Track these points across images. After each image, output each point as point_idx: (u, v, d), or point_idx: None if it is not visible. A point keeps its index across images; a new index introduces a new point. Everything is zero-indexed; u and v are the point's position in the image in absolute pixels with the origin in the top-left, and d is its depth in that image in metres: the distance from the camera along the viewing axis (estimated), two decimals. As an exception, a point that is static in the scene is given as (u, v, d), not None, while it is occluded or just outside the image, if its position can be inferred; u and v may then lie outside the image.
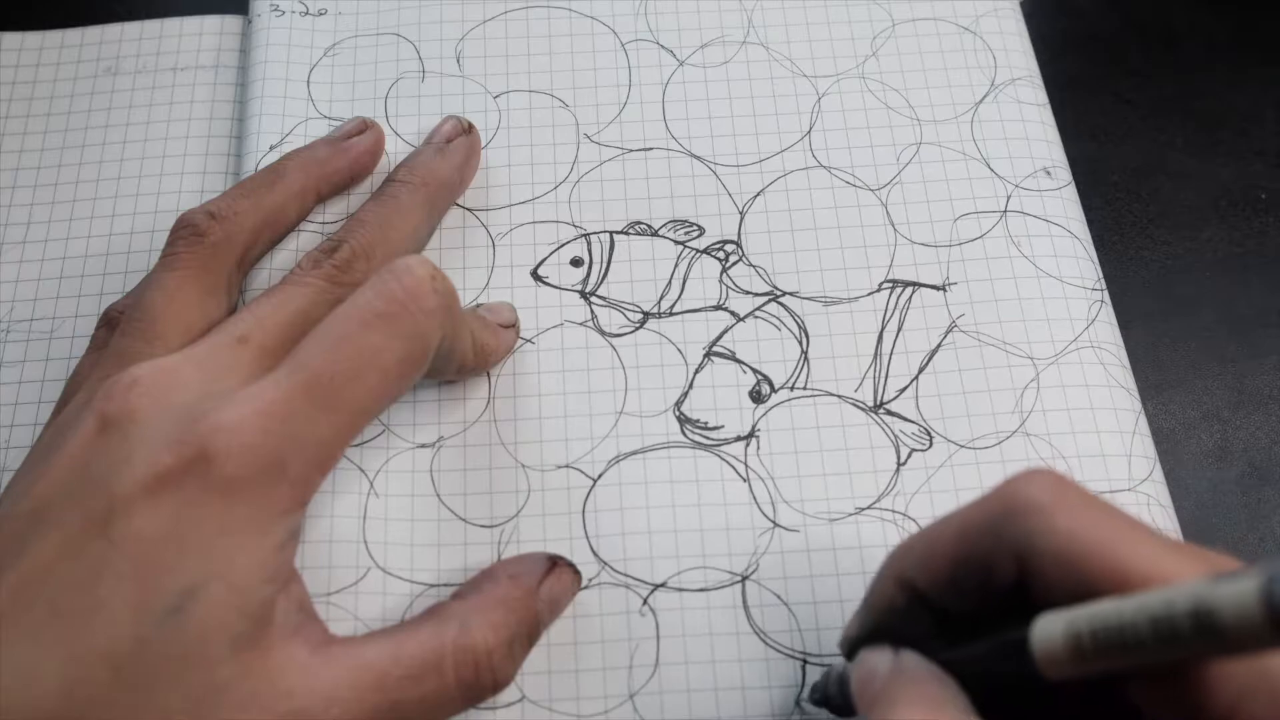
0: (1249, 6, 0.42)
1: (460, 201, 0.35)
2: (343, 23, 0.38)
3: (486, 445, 0.31)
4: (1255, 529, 0.33)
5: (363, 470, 0.31)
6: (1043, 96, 0.37)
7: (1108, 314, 0.34)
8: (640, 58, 0.37)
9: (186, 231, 0.30)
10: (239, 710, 0.22)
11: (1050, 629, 0.19)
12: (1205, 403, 0.35)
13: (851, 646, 0.25)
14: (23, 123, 0.37)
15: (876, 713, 0.22)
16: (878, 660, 0.23)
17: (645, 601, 0.30)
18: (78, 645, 0.22)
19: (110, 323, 0.31)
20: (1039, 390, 0.32)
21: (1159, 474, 0.31)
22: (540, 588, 0.27)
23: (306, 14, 0.38)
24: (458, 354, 0.29)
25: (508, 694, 0.28)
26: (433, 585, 0.29)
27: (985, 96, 0.37)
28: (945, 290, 0.34)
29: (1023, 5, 0.39)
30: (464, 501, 0.31)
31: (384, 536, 0.30)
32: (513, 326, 0.33)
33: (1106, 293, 0.34)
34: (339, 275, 0.29)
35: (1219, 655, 0.17)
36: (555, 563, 0.28)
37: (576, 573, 0.29)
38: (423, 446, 0.31)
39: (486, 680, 0.26)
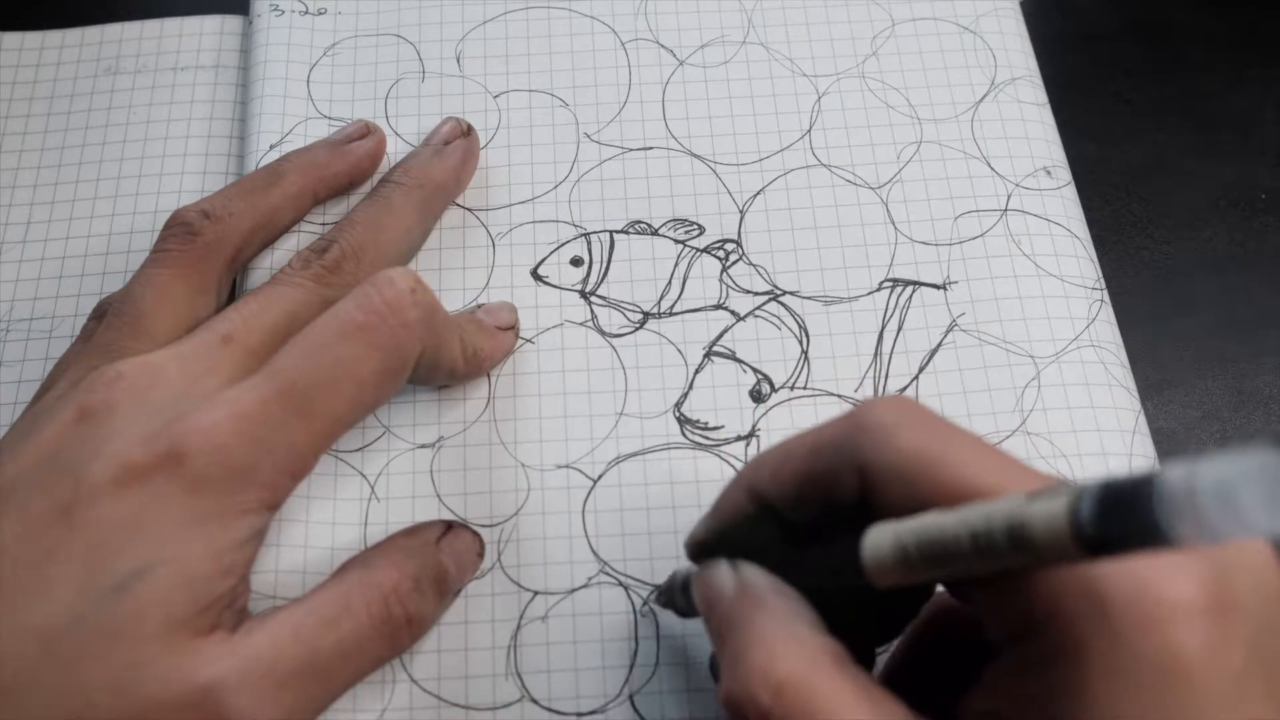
0: (1249, 6, 0.42)
1: (460, 201, 0.35)
2: (343, 22, 0.38)
3: (486, 445, 0.31)
4: (1255, 528, 0.33)
5: (364, 475, 0.31)
6: (1043, 96, 0.37)
7: (1108, 313, 0.34)
8: (640, 57, 0.37)
9: (179, 229, 0.30)
10: (159, 685, 0.23)
11: (879, 539, 0.20)
12: (1205, 403, 0.35)
13: (696, 549, 0.26)
14: (23, 122, 0.37)
15: (728, 640, 0.22)
16: (722, 579, 0.23)
17: (646, 601, 0.30)
18: (15, 620, 0.23)
19: (100, 315, 0.31)
20: (1039, 389, 0.32)
21: (1159, 474, 0.31)
22: (440, 542, 0.28)
23: (306, 13, 0.38)
24: (444, 363, 0.29)
25: (508, 693, 0.28)
26: (433, 585, 0.29)
27: (985, 96, 0.37)
28: (945, 289, 0.34)
29: (1023, 5, 0.39)
30: (464, 501, 0.31)
31: (385, 539, 0.30)
32: (512, 329, 0.33)
33: (1106, 292, 0.34)
34: (328, 276, 0.29)
35: (1032, 567, 0.18)
36: (450, 525, 0.29)
37: (476, 536, 0.30)
38: (423, 447, 0.31)
39: (397, 613, 0.26)
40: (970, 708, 0.21)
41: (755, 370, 0.33)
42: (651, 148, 0.36)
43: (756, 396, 0.32)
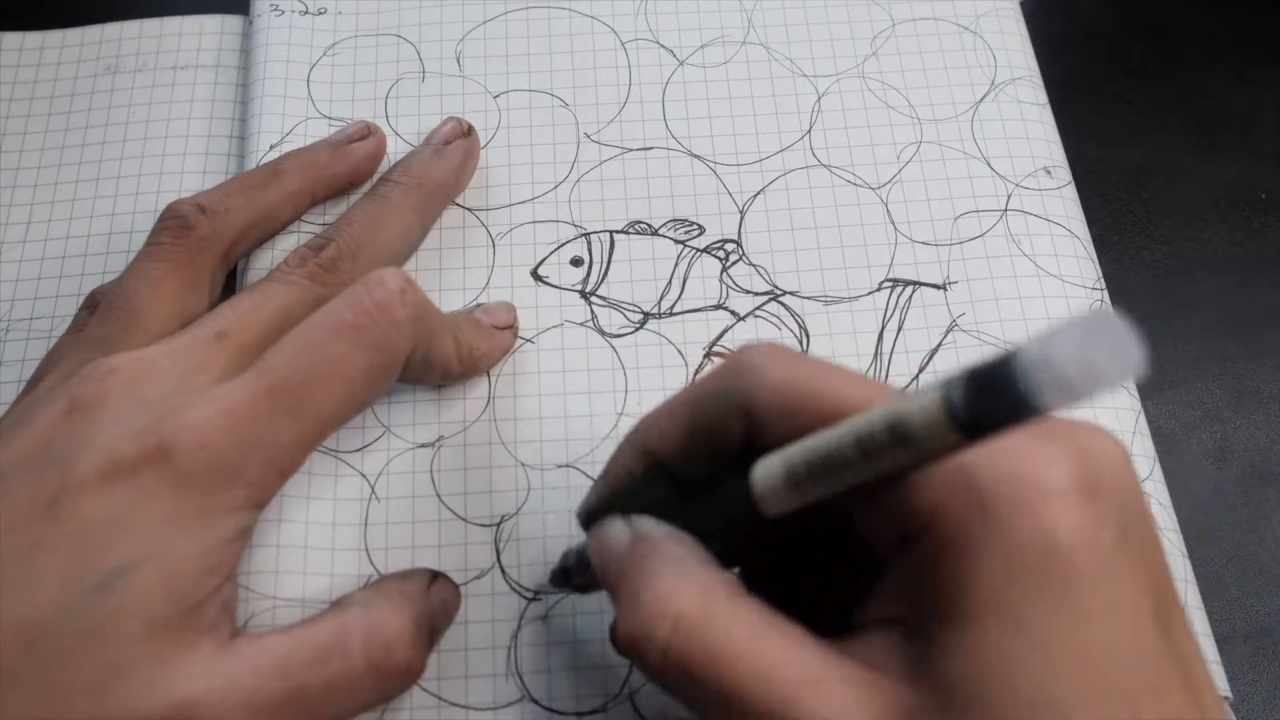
0: (1249, 6, 0.42)
1: (460, 201, 0.35)
2: (343, 22, 0.38)
3: (486, 444, 0.31)
4: (1255, 529, 0.33)
5: (364, 475, 0.31)
6: (1043, 96, 0.37)
7: (1108, 313, 0.34)
8: (640, 57, 0.37)
9: (173, 222, 0.30)
10: (137, 693, 0.23)
11: (769, 468, 0.21)
12: (1205, 403, 0.35)
13: (589, 518, 0.26)
14: (23, 122, 0.37)
15: (624, 586, 0.22)
16: (614, 532, 0.24)
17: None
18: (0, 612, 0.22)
19: (93, 305, 0.31)
20: (1039, 390, 0.32)
21: (1159, 474, 0.31)
22: (430, 589, 0.28)
23: (306, 13, 0.38)
24: (438, 362, 0.29)
25: (508, 693, 0.28)
26: (433, 585, 0.29)
27: (985, 96, 0.37)
28: (945, 289, 0.34)
29: (1023, 5, 0.39)
30: (464, 501, 0.31)
31: (385, 542, 0.30)
32: (510, 328, 0.33)
33: (1106, 292, 0.34)
34: (323, 274, 0.29)
35: (916, 463, 0.18)
36: (436, 575, 0.28)
37: (456, 589, 0.29)
38: (423, 446, 0.31)
39: (399, 659, 0.25)
40: (866, 617, 0.21)
41: (755, 370, 0.33)
42: (651, 148, 0.36)
43: (756, 396, 0.32)
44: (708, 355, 0.33)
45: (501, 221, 0.35)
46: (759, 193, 0.35)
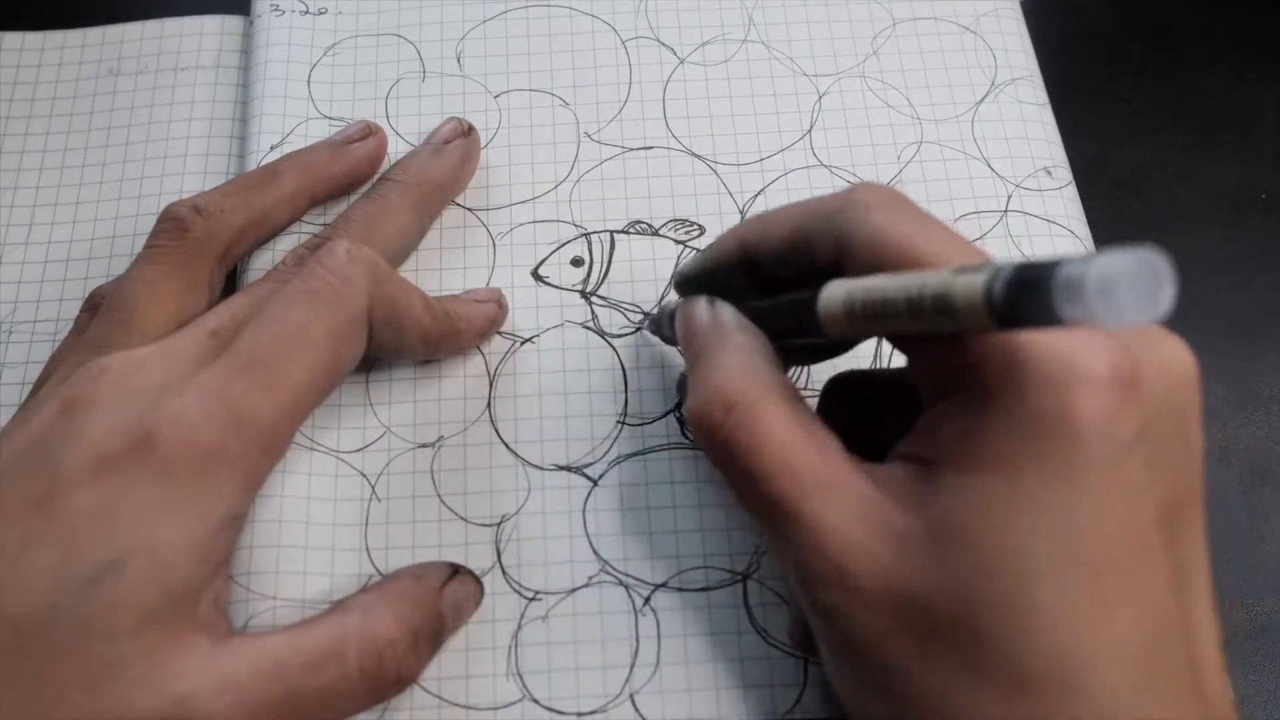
0: (1249, 6, 0.42)
1: (460, 201, 0.35)
2: (343, 22, 0.38)
3: (487, 444, 0.31)
4: (1255, 529, 0.33)
5: (364, 475, 0.31)
6: (1043, 96, 0.37)
7: (1108, 314, 0.34)
8: (641, 55, 0.37)
9: (170, 224, 0.30)
10: (131, 688, 0.23)
11: (834, 292, 0.22)
12: (1205, 403, 0.35)
13: (683, 284, 0.30)
14: (24, 123, 0.37)
15: (697, 365, 0.25)
16: (700, 310, 0.26)
17: (647, 601, 0.30)
18: None
19: (93, 307, 0.31)
20: (1039, 390, 0.32)
21: (1159, 474, 0.31)
22: (444, 590, 0.28)
23: (307, 13, 0.38)
24: (408, 322, 0.29)
25: (508, 693, 0.28)
26: (434, 585, 0.29)
27: (986, 96, 0.37)
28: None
29: (1023, 5, 0.39)
30: (464, 501, 0.31)
31: (385, 542, 0.30)
32: (494, 301, 0.33)
33: (1106, 293, 0.34)
34: None
35: (954, 331, 0.20)
36: (457, 570, 0.29)
37: (479, 583, 0.29)
38: (423, 447, 0.31)
39: (391, 672, 0.26)
40: (898, 451, 0.23)
41: (755, 370, 0.33)
42: (652, 147, 0.36)
43: (757, 397, 0.32)
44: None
45: (502, 221, 0.35)
46: (760, 193, 0.35)
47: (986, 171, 0.36)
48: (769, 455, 0.23)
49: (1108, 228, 0.38)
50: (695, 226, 0.35)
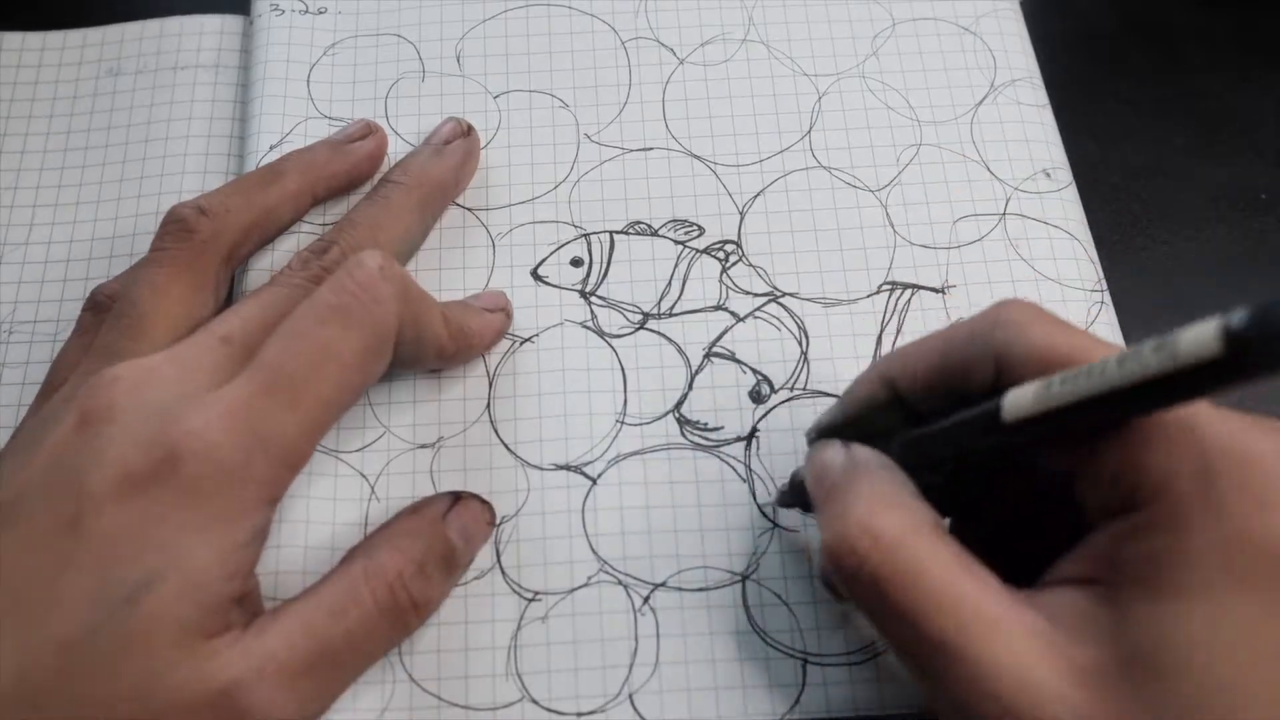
0: (1249, 6, 0.42)
1: (460, 201, 0.35)
2: (343, 22, 0.38)
3: (486, 445, 0.31)
4: (1253, 529, 0.33)
5: (364, 475, 0.31)
6: (1043, 97, 0.37)
7: (1108, 315, 0.34)
8: (640, 56, 0.37)
9: (175, 226, 0.30)
10: (178, 690, 0.23)
11: (1022, 390, 0.22)
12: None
13: (818, 435, 0.28)
14: (24, 123, 0.37)
15: (832, 501, 0.24)
16: (830, 453, 0.25)
17: (646, 601, 0.30)
18: (33, 634, 0.23)
19: (96, 307, 0.31)
20: (1038, 391, 0.32)
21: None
22: (447, 517, 0.28)
23: (306, 13, 0.38)
24: (428, 339, 0.29)
25: (508, 693, 0.28)
26: (433, 586, 0.30)
27: (985, 97, 0.37)
28: (944, 293, 0.34)
29: (1023, 5, 0.39)
30: (464, 501, 0.31)
31: (385, 542, 0.30)
32: (502, 310, 0.33)
33: (1108, 294, 0.34)
34: (326, 277, 0.29)
35: (1178, 394, 0.18)
36: (459, 497, 0.29)
37: (485, 503, 0.30)
38: (423, 447, 0.31)
39: (403, 599, 0.27)
40: (1062, 574, 0.22)
41: (755, 371, 0.33)
42: (651, 148, 0.36)
43: (756, 397, 0.32)
44: (708, 356, 0.33)
45: (501, 221, 0.35)
46: (759, 194, 0.35)
47: (985, 175, 0.35)
48: (926, 590, 0.22)
49: (1108, 228, 0.38)
50: (694, 227, 0.35)
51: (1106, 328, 0.33)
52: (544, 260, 0.34)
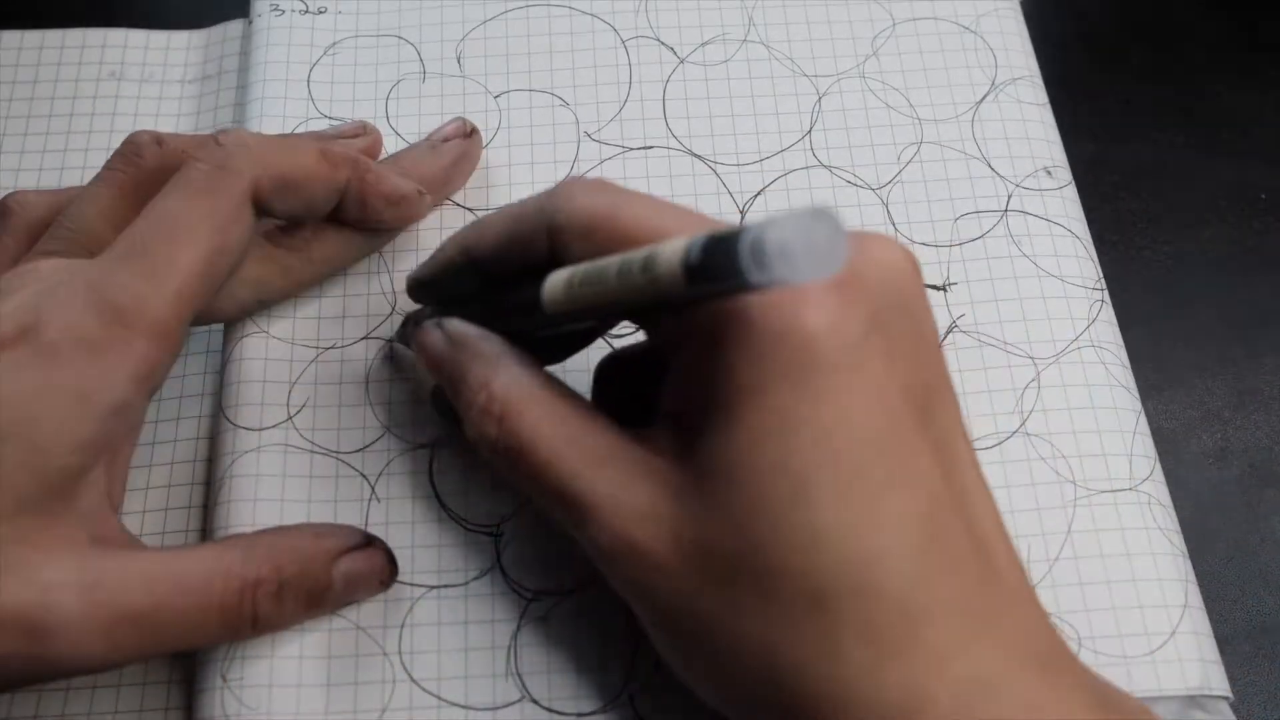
0: (1249, 7, 0.42)
1: (461, 201, 0.35)
2: (343, 22, 0.38)
3: (487, 445, 0.31)
4: (1255, 529, 0.33)
5: (364, 475, 0.31)
6: (1043, 96, 0.37)
7: (1108, 313, 0.34)
8: (641, 55, 0.37)
9: (129, 149, 0.29)
10: (0, 571, 0.23)
11: (556, 277, 0.23)
12: (1205, 403, 0.35)
13: (414, 288, 0.30)
14: (24, 123, 0.37)
15: (458, 389, 0.25)
16: (433, 338, 0.27)
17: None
18: None
19: (2, 212, 0.30)
20: (1039, 390, 0.32)
21: (1159, 474, 0.31)
22: (341, 558, 0.27)
23: (306, 13, 0.38)
24: (306, 181, 0.29)
25: (508, 693, 0.28)
26: (434, 587, 0.29)
27: (986, 96, 0.37)
28: (946, 290, 0.34)
29: (1023, 5, 0.39)
30: (464, 501, 0.31)
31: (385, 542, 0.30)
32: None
33: (1107, 292, 0.34)
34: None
35: (661, 297, 0.20)
36: (370, 542, 0.28)
37: (389, 564, 0.29)
38: (422, 447, 0.31)
39: (246, 610, 0.25)
40: (660, 413, 0.24)
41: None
42: (652, 147, 0.36)
43: (756, 397, 0.32)
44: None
45: (502, 222, 0.35)
46: (759, 193, 0.35)
47: (986, 172, 0.35)
48: (542, 449, 0.23)
49: (1108, 227, 0.38)
50: (695, 226, 0.35)
51: (1107, 326, 0.33)
52: (544, 260, 0.34)
